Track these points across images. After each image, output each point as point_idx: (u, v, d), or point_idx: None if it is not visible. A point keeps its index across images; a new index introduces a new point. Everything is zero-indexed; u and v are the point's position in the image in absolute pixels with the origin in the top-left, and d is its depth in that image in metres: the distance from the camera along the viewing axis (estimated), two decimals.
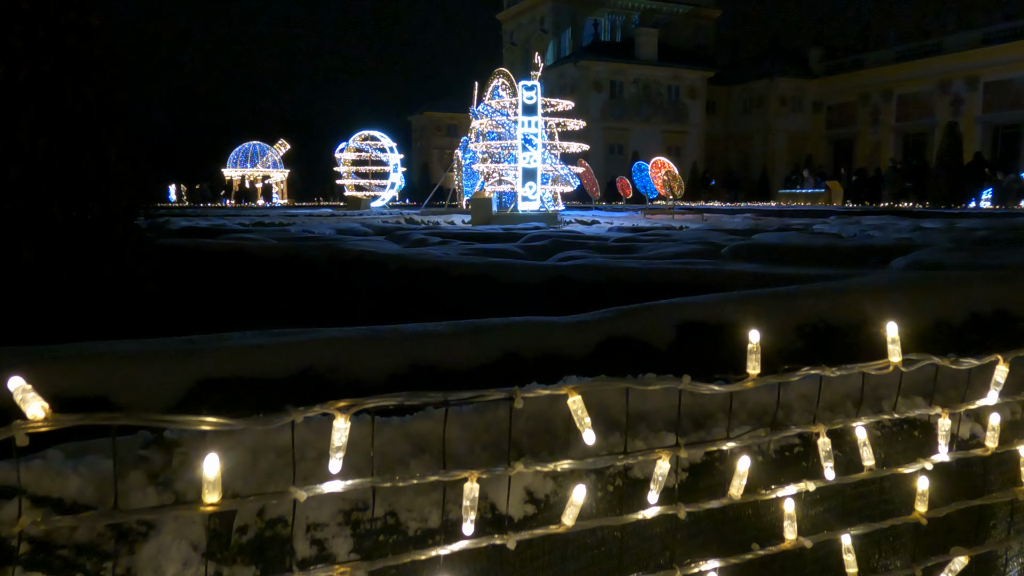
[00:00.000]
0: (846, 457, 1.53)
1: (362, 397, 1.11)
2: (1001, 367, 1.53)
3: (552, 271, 4.02)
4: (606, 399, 1.44)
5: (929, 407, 1.57)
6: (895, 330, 1.45)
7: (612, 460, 1.27)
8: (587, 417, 1.18)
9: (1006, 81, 44.05)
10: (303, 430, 1.23)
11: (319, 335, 2.10)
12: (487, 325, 2.27)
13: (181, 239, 5.41)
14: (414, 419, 1.36)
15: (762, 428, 1.45)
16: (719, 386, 1.32)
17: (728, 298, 2.63)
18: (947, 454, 1.54)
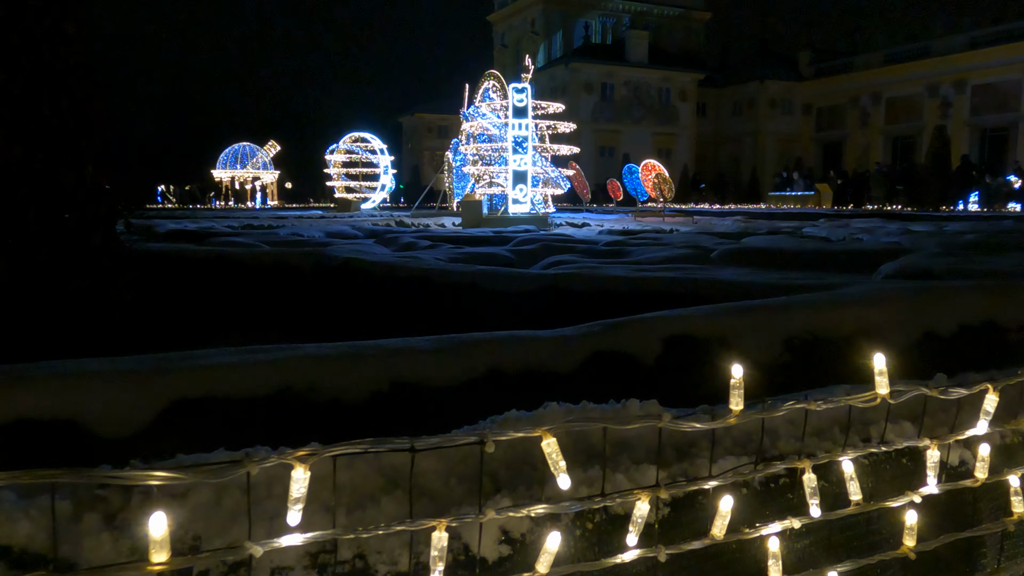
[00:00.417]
0: (833, 488, 1.50)
1: (323, 445, 1.05)
2: (991, 396, 1.50)
3: (540, 280, 3.98)
4: (587, 427, 1.40)
5: (918, 437, 1.54)
6: (882, 362, 1.41)
7: (590, 503, 1.22)
8: (562, 461, 1.14)
9: (993, 84, 44.36)
10: None
11: (297, 352, 2.05)
12: (470, 340, 2.22)
13: (164, 245, 5.34)
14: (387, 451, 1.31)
15: (747, 458, 1.41)
16: (701, 423, 1.28)
17: (715, 311, 2.60)
18: (936, 486, 1.50)
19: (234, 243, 11.28)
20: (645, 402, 1.51)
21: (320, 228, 17.59)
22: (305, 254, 5.15)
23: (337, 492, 1.17)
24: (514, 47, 63.73)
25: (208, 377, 1.87)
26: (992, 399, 1.49)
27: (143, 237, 16.81)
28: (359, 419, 1.94)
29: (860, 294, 2.93)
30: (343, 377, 1.98)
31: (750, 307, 2.67)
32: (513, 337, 2.27)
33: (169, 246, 5.10)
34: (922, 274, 6.70)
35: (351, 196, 37.62)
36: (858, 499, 1.41)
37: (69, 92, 2.93)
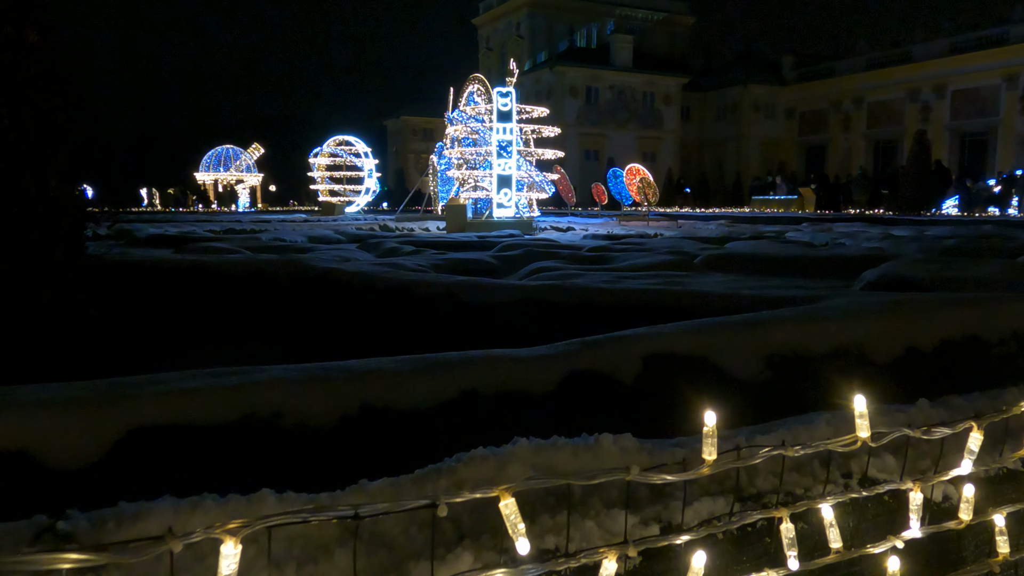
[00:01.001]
0: (813, 530, 1.45)
1: (262, 518, 0.96)
2: (975, 435, 1.46)
3: (520, 291, 3.92)
4: (557, 464, 1.34)
5: (900, 472, 1.49)
6: (863, 404, 1.37)
7: (554, 564, 1.16)
8: (521, 524, 1.08)
9: (973, 89, 44.90)
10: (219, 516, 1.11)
11: (262, 376, 1.98)
12: (444, 361, 2.16)
13: (138, 255, 5.23)
14: (346, 494, 1.25)
15: (723, 499, 1.36)
16: (672, 475, 1.22)
17: (696, 328, 2.55)
18: (919, 530, 1.46)
19: (214, 248, 11.13)
20: (618, 436, 1.45)
21: (303, 232, 17.45)
22: (283, 263, 5.06)
23: (288, 543, 1.10)
24: (499, 50, 63.75)
25: (168, 404, 1.80)
26: (976, 438, 1.45)
27: (124, 242, 16.62)
28: (327, 444, 1.88)
29: (841, 309, 2.89)
30: (311, 401, 1.91)
31: (731, 323, 2.62)
32: (488, 357, 2.21)
33: (143, 256, 5.00)
34: (903, 282, 6.71)
35: (335, 200, 37.42)
36: (838, 547, 1.37)
37: (31, 103, 2.83)
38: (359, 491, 1.27)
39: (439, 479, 1.29)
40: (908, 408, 1.72)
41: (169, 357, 3.99)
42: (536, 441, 1.45)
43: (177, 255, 5.18)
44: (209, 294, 4.88)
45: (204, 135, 64.83)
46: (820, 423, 1.59)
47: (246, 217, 32.62)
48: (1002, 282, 6.40)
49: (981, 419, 1.47)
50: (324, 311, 4.68)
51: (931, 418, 1.69)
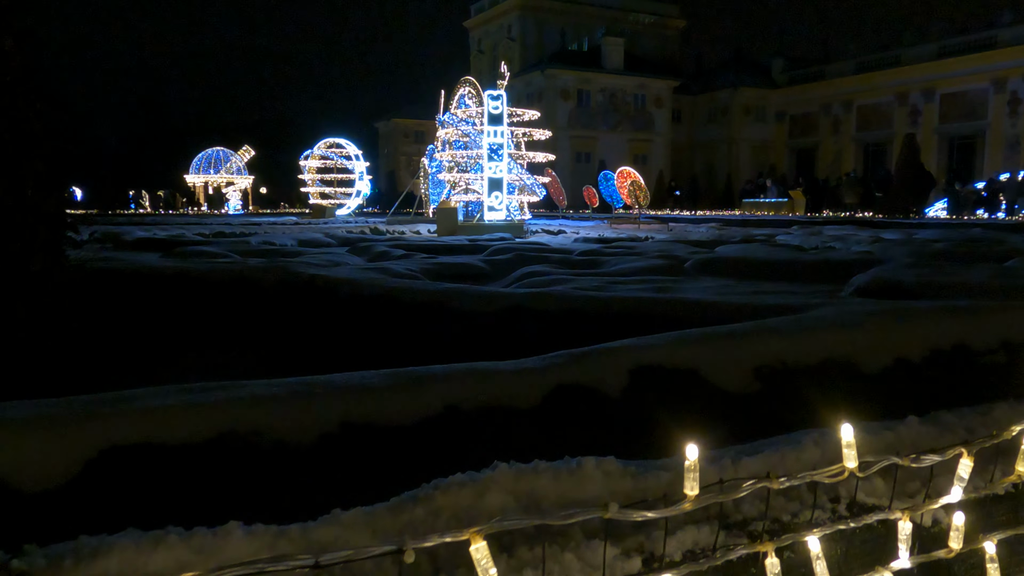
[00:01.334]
0: (799, 559, 1.42)
1: (214, 570, 0.91)
2: (965, 461, 1.43)
3: (508, 299, 3.88)
4: (538, 489, 1.31)
5: (890, 497, 1.46)
6: (851, 433, 1.34)
7: None
8: (492, 568, 1.04)
9: (961, 93, 45.18)
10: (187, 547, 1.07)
11: (241, 392, 1.93)
12: (427, 375, 2.12)
13: (122, 262, 5.17)
14: (318, 526, 1.21)
15: (708, 527, 1.32)
16: (653, 512, 1.19)
17: (683, 339, 2.52)
18: (908, 559, 1.43)
19: (202, 252, 11.06)
20: (601, 460, 1.42)
21: (293, 236, 17.35)
22: (269, 270, 5.01)
23: None
24: (490, 53, 63.76)
25: (142, 422, 1.75)
26: (966, 464, 1.42)
27: (111, 246, 16.50)
28: (305, 464, 1.84)
29: (830, 319, 2.87)
30: (290, 419, 1.87)
31: (719, 334, 2.60)
32: (472, 371, 2.17)
33: (126, 264, 4.94)
34: (893, 287, 6.71)
35: (326, 202, 37.28)
36: None
37: (5, 111, 2.77)
38: (332, 522, 1.23)
39: (415, 508, 1.25)
40: (897, 426, 1.69)
41: (152, 368, 3.94)
42: (516, 466, 1.41)
43: (161, 262, 5.12)
44: (194, 301, 4.82)
45: (194, 137, 64.56)
46: (808, 444, 1.56)
47: (236, 220, 32.48)
48: (991, 288, 6.41)
49: (970, 444, 1.44)
50: (311, 318, 4.63)
51: (920, 437, 1.66)
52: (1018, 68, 41.80)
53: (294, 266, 5.07)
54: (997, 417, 1.74)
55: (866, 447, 1.55)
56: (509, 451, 2.02)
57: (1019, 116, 42.37)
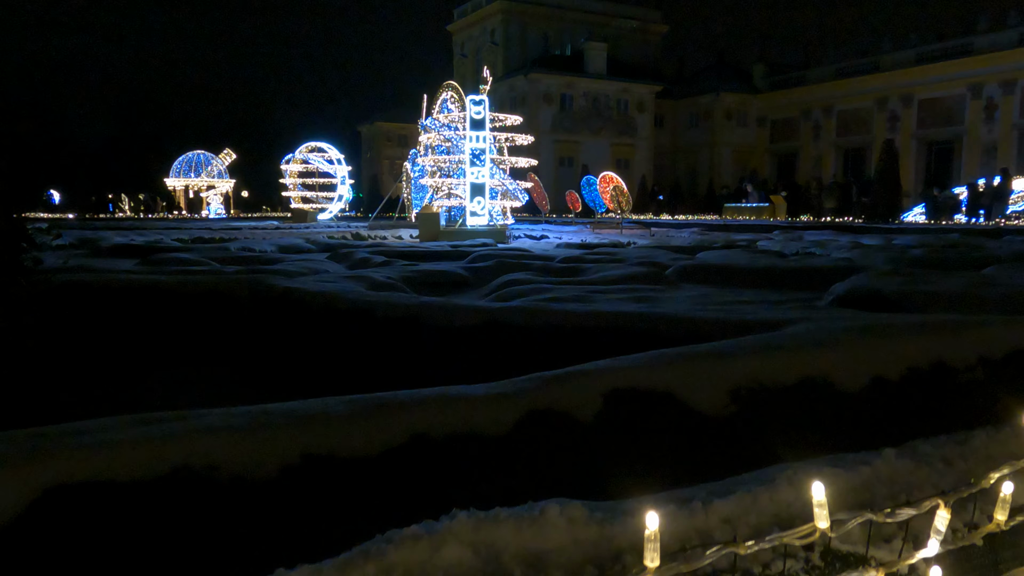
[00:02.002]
0: None
1: None
2: (942, 513, 1.38)
3: (484, 314, 3.82)
4: (499, 541, 1.25)
5: (863, 568, 1.41)
6: (822, 492, 1.29)
7: None
8: None
9: (939, 99, 45.75)
10: None
11: (198, 423, 1.86)
12: (393, 403, 2.05)
13: (93, 270, 5.05)
14: None
15: None
16: None
17: (658, 360, 2.47)
18: None
19: (180, 260, 10.91)
20: (566, 506, 1.36)
21: (273, 241, 17.20)
22: (243, 282, 4.91)
23: None
24: (474, 57, 63.75)
25: (91, 457, 1.67)
26: (944, 516, 1.38)
27: (87, 252, 16.21)
28: (263, 500, 1.76)
29: (807, 337, 2.83)
30: (249, 451, 1.80)
31: (695, 355, 2.55)
32: (440, 397, 2.10)
33: (94, 277, 4.82)
34: (872, 295, 6.73)
35: (308, 207, 37.06)
36: None
37: None
38: None
39: (366, 564, 1.19)
40: (873, 459, 1.65)
41: (119, 386, 3.84)
42: (475, 514, 1.35)
43: (131, 275, 5.01)
44: (166, 315, 4.72)
45: (175, 140, 64.08)
46: (782, 483, 1.52)
47: (217, 224, 32.20)
48: (969, 297, 6.44)
49: (948, 496, 1.40)
50: (284, 332, 4.54)
51: (897, 472, 1.62)
52: (994, 75, 42.42)
53: (268, 278, 4.97)
54: (975, 447, 1.71)
55: (841, 484, 1.51)
56: (477, 484, 1.96)
57: (995, 122, 42.97)
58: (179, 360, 4.58)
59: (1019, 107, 41.84)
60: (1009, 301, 6.33)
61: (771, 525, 1.46)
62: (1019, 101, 41.78)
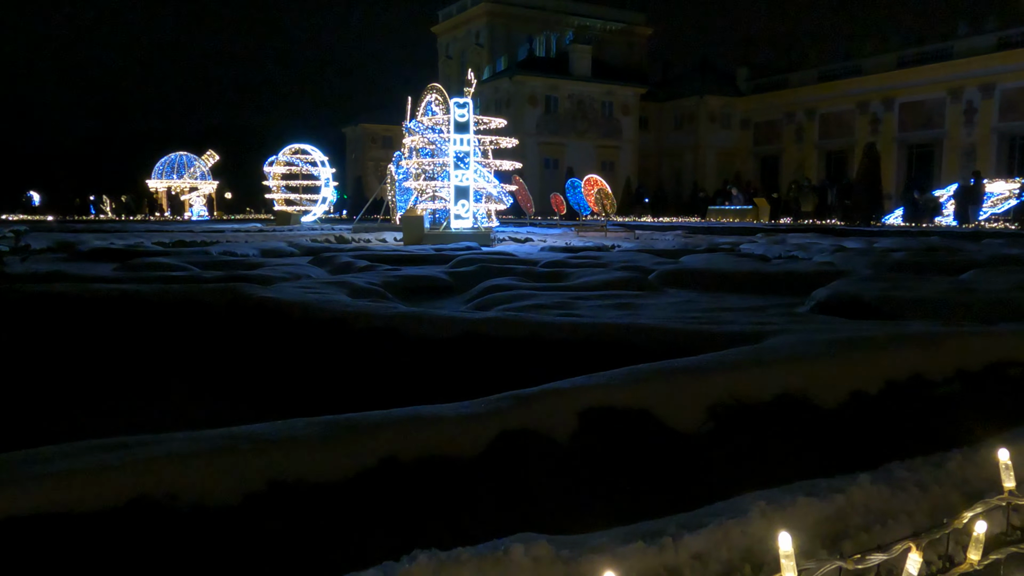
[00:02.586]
0: None
1: None
2: (914, 556, 1.36)
3: (464, 325, 3.78)
4: None
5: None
6: (788, 543, 1.25)
7: None
8: None
9: (919, 102, 46.24)
10: None
11: (159, 449, 1.80)
12: (363, 424, 2.01)
13: (59, 284, 4.96)
14: None
15: None
16: None
17: (635, 377, 2.44)
18: None
19: (158, 265, 10.77)
20: (531, 544, 1.33)
21: (255, 245, 17.04)
22: (219, 292, 4.84)
23: None
24: (459, 58, 63.71)
25: (46, 489, 1.61)
26: (915, 560, 1.35)
27: (65, 256, 15.96)
28: (226, 530, 1.71)
29: (786, 351, 2.82)
30: (211, 479, 1.74)
31: (672, 370, 2.52)
32: (412, 418, 2.06)
33: (66, 287, 4.73)
34: (852, 302, 6.75)
35: (291, 209, 36.81)
36: None
37: None
38: None
39: None
40: (848, 486, 1.63)
41: (90, 402, 3.76)
42: (436, 555, 1.31)
43: (104, 285, 4.92)
44: (141, 326, 4.64)
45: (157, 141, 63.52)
46: (755, 515, 1.49)
47: (199, 227, 31.94)
48: (948, 302, 6.48)
49: (919, 538, 1.37)
50: (262, 344, 4.48)
51: (871, 498, 1.60)
52: (973, 79, 42.92)
53: (246, 287, 4.90)
54: (951, 470, 1.69)
55: (814, 515, 1.48)
56: (447, 508, 1.92)
57: (974, 125, 43.47)
58: (156, 372, 4.51)
59: (998, 111, 42.36)
60: (987, 307, 6.38)
61: (742, 561, 1.43)
62: (998, 105, 42.30)
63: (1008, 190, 31.08)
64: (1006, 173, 39.13)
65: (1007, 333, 3.33)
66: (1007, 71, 41.31)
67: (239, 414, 3.84)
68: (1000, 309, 6.28)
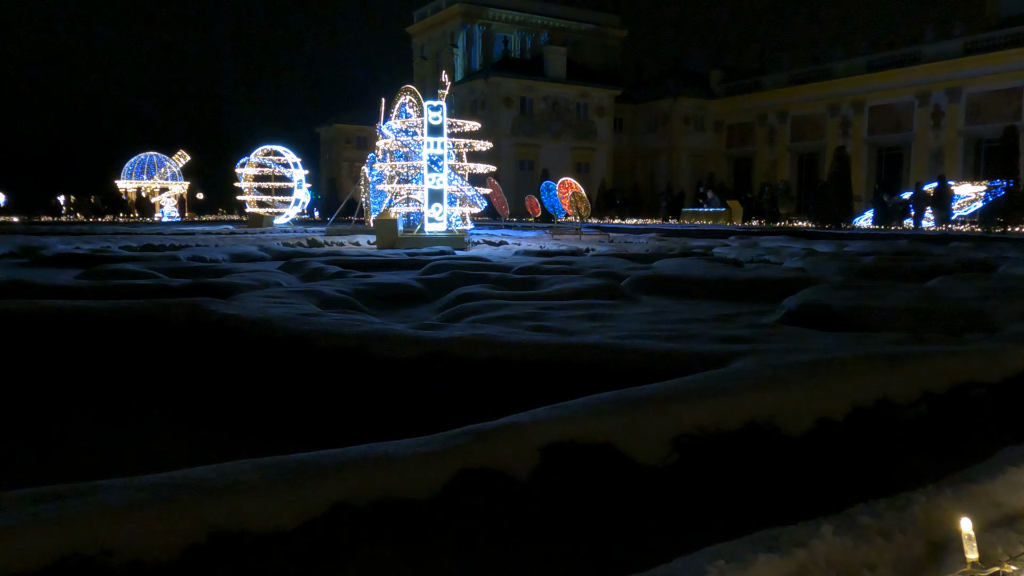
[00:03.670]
0: None
1: None
2: None
3: (429, 345, 3.71)
4: None
5: None
6: None
7: None
8: None
9: (888, 105, 46.97)
10: None
11: (93, 501, 1.70)
12: (314, 466, 1.93)
13: (9, 301, 4.80)
14: None
15: None
16: None
17: (599, 408, 2.39)
18: None
19: (123, 272, 10.53)
20: None
21: (226, 249, 16.79)
22: (179, 307, 4.70)
23: None
24: (434, 59, 63.48)
25: None
26: None
27: (30, 261, 15.54)
28: None
29: (752, 377, 2.78)
30: (149, 532, 1.66)
31: (636, 400, 2.47)
32: (365, 459, 1.98)
33: (17, 304, 4.57)
34: (822, 311, 6.79)
35: (263, 211, 36.39)
36: None
37: None
38: None
39: None
40: (810, 539, 1.59)
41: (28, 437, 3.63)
42: None
43: (59, 302, 4.77)
44: (97, 345, 4.49)
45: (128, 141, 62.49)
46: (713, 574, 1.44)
47: (169, 229, 31.46)
48: (916, 312, 6.54)
49: None
50: (222, 363, 4.36)
51: (834, 551, 1.56)
52: (941, 83, 43.68)
53: (207, 303, 4.78)
54: (915, 515, 1.66)
55: (775, 573, 1.43)
56: (402, 556, 1.85)
57: (942, 128, 44.25)
58: (112, 394, 4.37)
59: (964, 114, 43.16)
60: (954, 317, 6.45)
61: None
62: (964, 108, 43.10)
63: (974, 192, 31.68)
64: (972, 176, 39.90)
65: (971, 352, 3.33)
66: (973, 75, 42.11)
67: (199, 437, 3.73)
68: (966, 319, 6.35)
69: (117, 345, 4.51)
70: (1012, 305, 6.47)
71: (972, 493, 1.76)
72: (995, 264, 12.25)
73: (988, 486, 1.79)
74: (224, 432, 3.80)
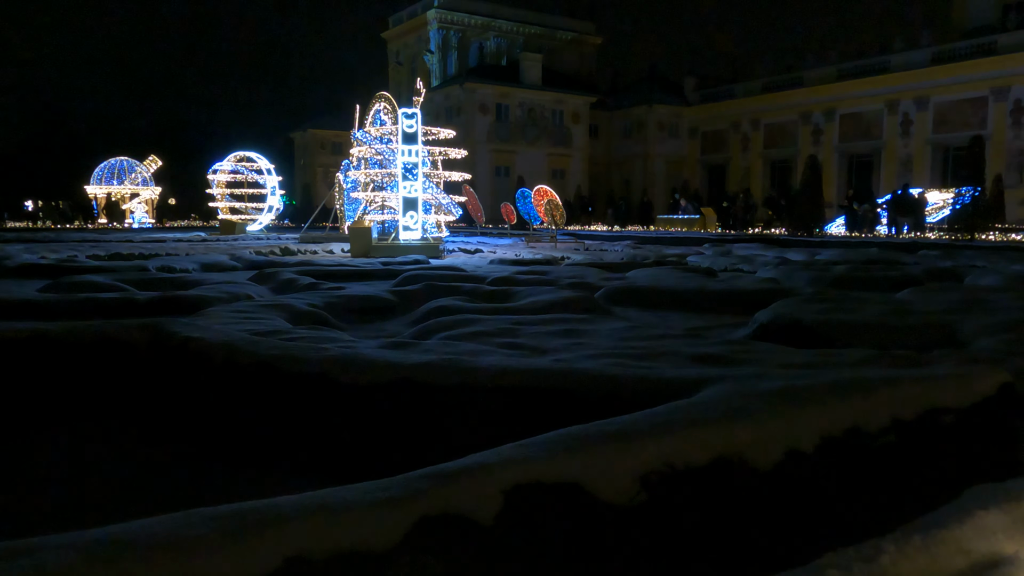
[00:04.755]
0: None
1: None
2: None
3: (397, 370, 3.64)
4: None
5: None
6: None
7: None
8: None
9: (859, 114, 47.73)
10: None
11: (29, 563, 1.62)
12: (266, 516, 1.85)
13: None
14: None
15: None
16: None
17: (565, 446, 2.34)
18: None
19: (89, 284, 10.30)
20: None
21: (196, 258, 16.52)
22: (140, 329, 4.58)
23: None
24: (409, 65, 63.35)
25: None
26: None
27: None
28: None
29: (722, 408, 2.75)
30: None
31: (604, 436, 2.43)
32: (322, 507, 1.91)
33: None
34: (793, 326, 6.82)
35: (236, 218, 35.95)
36: None
37: None
38: None
39: None
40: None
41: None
42: None
43: (11, 325, 4.62)
44: (54, 370, 4.36)
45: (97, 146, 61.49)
46: None
47: (139, 236, 30.97)
48: (885, 326, 6.59)
49: None
50: (185, 389, 4.25)
51: None
52: (909, 91, 44.49)
53: (169, 324, 4.66)
54: (884, 566, 1.64)
55: None
56: None
57: (910, 136, 45.04)
58: (70, 421, 4.24)
59: (932, 123, 43.97)
60: (924, 331, 6.51)
61: None
62: (932, 117, 43.92)
63: (942, 199, 32.26)
64: (939, 183, 40.64)
65: (940, 377, 3.34)
66: (940, 85, 42.94)
67: (163, 466, 3.63)
68: (936, 333, 6.41)
69: (77, 368, 4.38)
70: (978, 319, 6.55)
71: (941, 539, 1.74)
72: (963, 273, 12.44)
73: (957, 531, 1.77)
74: (190, 459, 3.70)
